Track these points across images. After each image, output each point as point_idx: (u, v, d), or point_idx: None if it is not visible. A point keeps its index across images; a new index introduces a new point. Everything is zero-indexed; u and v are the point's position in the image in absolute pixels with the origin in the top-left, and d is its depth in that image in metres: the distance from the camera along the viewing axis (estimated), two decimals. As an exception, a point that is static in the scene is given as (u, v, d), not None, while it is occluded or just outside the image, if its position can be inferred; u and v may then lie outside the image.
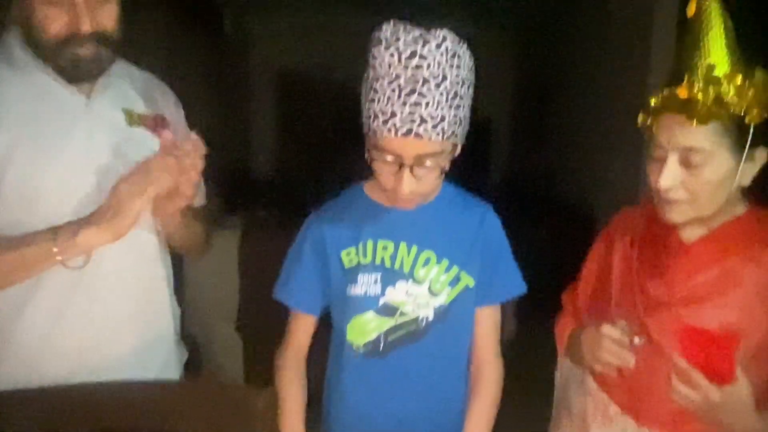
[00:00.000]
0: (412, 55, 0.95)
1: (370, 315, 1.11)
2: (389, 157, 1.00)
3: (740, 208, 1.05)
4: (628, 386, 1.08)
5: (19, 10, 1.04)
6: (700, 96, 0.95)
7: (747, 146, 0.97)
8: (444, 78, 0.96)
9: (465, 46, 1.00)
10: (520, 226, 3.50)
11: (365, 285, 1.11)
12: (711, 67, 0.96)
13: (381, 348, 1.11)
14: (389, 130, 0.97)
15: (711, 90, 0.94)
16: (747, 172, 1.00)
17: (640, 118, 1.05)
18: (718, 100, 0.94)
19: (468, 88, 1.02)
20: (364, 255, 1.11)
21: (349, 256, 1.12)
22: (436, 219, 1.13)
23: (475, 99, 1.08)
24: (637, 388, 1.07)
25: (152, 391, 1.11)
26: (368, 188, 1.16)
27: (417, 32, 0.97)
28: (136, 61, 1.24)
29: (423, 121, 0.96)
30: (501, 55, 5.91)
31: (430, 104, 0.96)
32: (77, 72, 1.05)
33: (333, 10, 5.16)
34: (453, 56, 0.97)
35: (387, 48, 0.96)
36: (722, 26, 0.97)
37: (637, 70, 3.31)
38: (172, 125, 1.11)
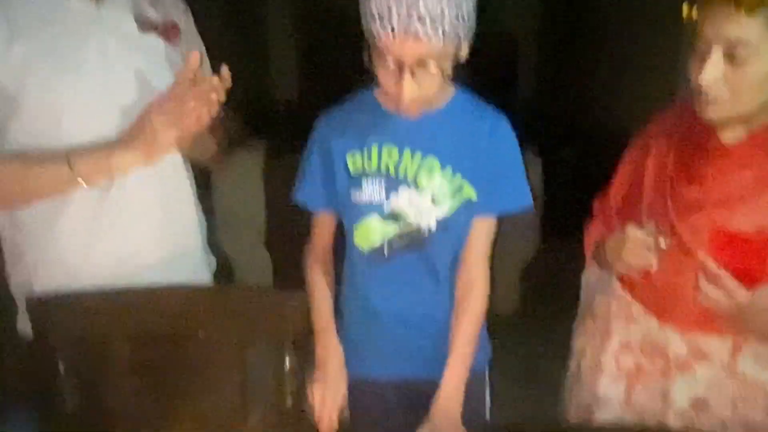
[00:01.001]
0: None
1: (374, 221, 1.12)
2: (390, 60, 0.98)
3: None
4: (654, 287, 1.09)
5: None
6: None
7: None
8: None
9: None
10: (549, 144, 3.44)
11: (370, 191, 1.11)
12: None
13: (385, 253, 1.13)
14: (387, 30, 0.94)
15: None
16: None
17: (684, 10, 1.00)
18: None
19: None
20: (369, 160, 1.11)
21: (354, 161, 1.12)
22: (444, 126, 1.10)
23: (502, 13, 1.00)
24: (662, 288, 1.07)
25: (185, 295, 1.14)
26: (378, 93, 1.13)
27: None
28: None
29: (421, 18, 0.92)
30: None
31: (429, 1, 0.92)
32: None
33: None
34: None
35: None
36: None
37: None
38: (183, 33, 1.09)
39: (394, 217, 1.12)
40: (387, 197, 1.11)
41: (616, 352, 1.16)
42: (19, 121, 1.03)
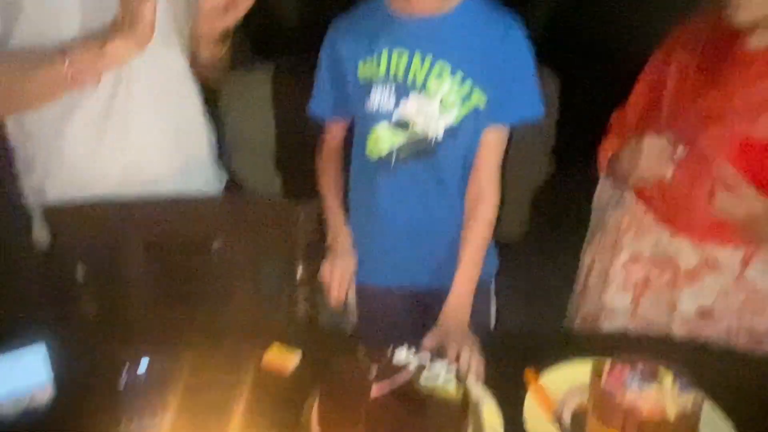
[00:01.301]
0: None
1: (383, 129, 1.12)
2: None
3: None
4: (669, 198, 1.08)
5: None
6: None
7: None
8: None
9: None
10: (564, 63, 3.33)
11: (379, 98, 1.10)
12: None
13: (393, 162, 1.13)
14: None
15: None
16: None
17: None
18: None
19: None
20: (378, 65, 1.09)
21: (364, 68, 1.11)
22: (455, 29, 1.07)
23: None
24: (677, 199, 1.07)
25: (197, 205, 1.15)
26: None
27: None
28: None
29: None
30: None
31: None
32: None
33: None
34: None
35: None
36: None
37: None
38: None
39: (402, 125, 1.11)
40: (396, 103, 1.09)
41: (626, 263, 1.18)
42: (22, 25, 1.01)
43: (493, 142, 1.13)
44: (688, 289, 1.11)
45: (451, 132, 1.10)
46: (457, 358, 0.94)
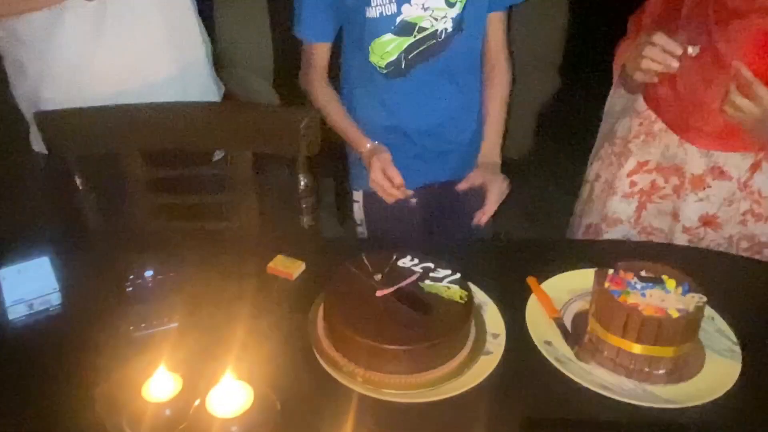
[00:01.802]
0: None
1: (388, 36, 1.10)
2: None
3: None
4: (680, 102, 1.06)
5: None
6: None
7: None
8: None
9: None
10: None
11: (380, 5, 1.08)
12: None
13: (403, 66, 1.13)
14: None
15: None
16: None
17: None
18: None
19: None
20: None
21: None
22: None
23: None
24: (689, 101, 1.05)
25: (196, 112, 1.12)
26: None
27: None
28: None
29: None
30: None
31: None
32: None
33: None
34: None
35: None
36: None
37: None
38: None
39: (407, 28, 1.10)
40: (399, 9, 1.08)
41: (632, 171, 1.16)
42: None
43: (499, 24, 1.21)
44: (693, 196, 1.10)
45: (458, 22, 1.11)
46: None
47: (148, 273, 0.88)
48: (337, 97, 1.21)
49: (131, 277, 0.87)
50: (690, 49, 0.97)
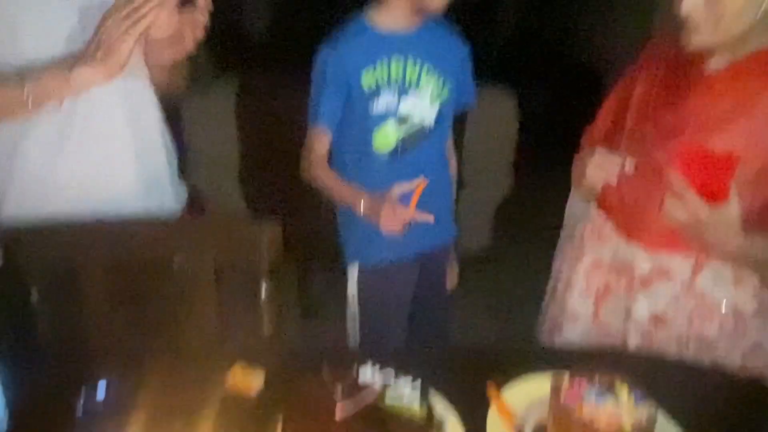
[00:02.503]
0: None
1: (391, 126, 1.38)
2: None
3: (766, 38, 1.02)
4: (625, 207, 1.14)
5: None
6: None
7: None
8: None
9: None
10: (528, 81, 3.40)
11: (386, 101, 1.35)
12: None
13: (399, 150, 1.40)
14: None
15: None
16: None
17: None
18: None
19: None
20: (381, 72, 1.34)
21: (368, 77, 1.34)
22: (429, 39, 1.38)
23: None
24: (633, 207, 1.13)
25: (159, 225, 1.13)
26: (371, 18, 1.36)
27: None
28: None
29: None
30: None
31: None
32: None
33: None
34: None
35: None
36: None
37: None
38: None
39: (404, 119, 1.38)
40: (398, 103, 1.36)
41: (587, 269, 1.22)
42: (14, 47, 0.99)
43: (450, 123, 1.51)
44: (642, 295, 1.15)
45: (438, 117, 1.42)
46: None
47: (101, 387, 0.86)
48: (333, 174, 1.42)
49: (83, 392, 0.84)
50: (627, 164, 1.06)
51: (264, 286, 1.13)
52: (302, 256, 1.92)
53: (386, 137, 1.38)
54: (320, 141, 1.41)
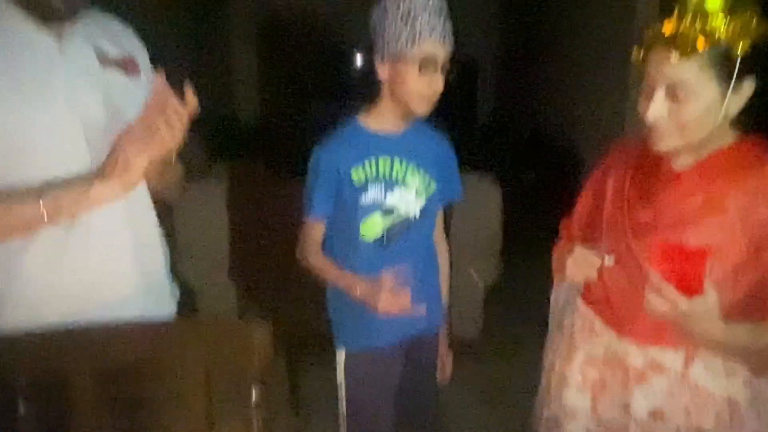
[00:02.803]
0: None
1: (377, 217, 1.45)
2: (430, 63, 1.33)
3: (729, 138, 1.09)
4: (611, 302, 1.15)
5: None
6: (686, 29, 0.97)
7: (734, 77, 0.99)
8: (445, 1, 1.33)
9: None
10: (508, 167, 3.52)
11: (373, 194, 1.44)
12: (700, 1, 0.98)
13: (385, 240, 1.47)
14: (434, 38, 1.32)
15: (697, 23, 0.97)
16: (734, 103, 1.03)
17: (634, 54, 1.08)
18: (704, 32, 0.97)
19: None
20: (371, 170, 1.43)
21: (357, 173, 1.43)
22: (415, 141, 1.48)
23: (463, 40, 1.35)
24: (619, 303, 1.14)
25: (149, 330, 1.13)
26: (363, 120, 1.47)
27: None
28: (115, 6, 1.22)
29: (447, 30, 1.34)
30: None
31: (448, 18, 1.34)
32: (49, 10, 1.03)
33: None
34: None
35: None
36: None
37: (625, 11, 3.27)
38: (142, 68, 1.10)
39: (390, 211, 1.46)
40: (385, 197, 1.44)
41: (582, 365, 1.22)
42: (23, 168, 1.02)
43: (439, 215, 1.61)
44: (638, 390, 1.14)
45: (423, 211, 1.49)
46: None
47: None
48: (327, 260, 1.49)
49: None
50: (606, 260, 1.10)
51: (255, 391, 1.11)
52: (294, 350, 1.89)
53: (373, 227, 1.45)
54: (314, 230, 1.50)
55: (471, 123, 5.74)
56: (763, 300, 1.03)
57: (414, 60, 1.33)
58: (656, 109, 1.03)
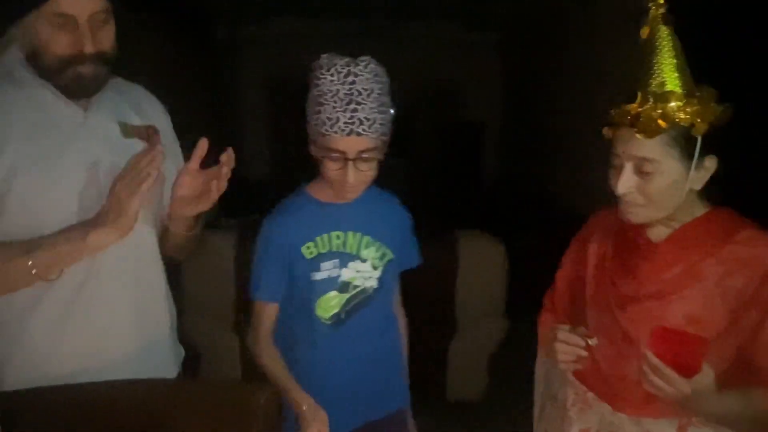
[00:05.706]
0: (348, 74, 1.21)
1: (333, 293, 1.37)
2: (336, 155, 1.24)
3: (699, 209, 1.13)
4: (603, 376, 1.16)
5: (22, 31, 1.09)
6: (648, 112, 1.04)
7: (696, 156, 1.05)
8: (372, 91, 1.22)
9: (383, 68, 1.27)
10: (511, 228, 3.54)
11: (327, 270, 1.36)
12: (660, 85, 1.06)
13: (343, 316, 1.39)
14: (336, 132, 1.21)
15: (659, 106, 1.04)
16: (698, 179, 1.08)
17: (604, 131, 1.14)
18: (665, 115, 1.03)
19: (388, 97, 1.27)
20: (323, 246, 1.35)
21: (309, 249, 1.35)
22: (367, 210, 1.39)
23: (467, 104, 1.21)
24: (610, 377, 1.15)
25: (153, 389, 1.14)
26: (312, 190, 1.39)
27: (347, 59, 1.24)
28: (131, 71, 1.29)
29: (360, 123, 1.21)
30: (493, 62, 5.99)
31: (365, 110, 1.21)
32: (78, 89, 1.10)
33: (321, 17, 5.21)
34: (376, 75, 1.24)
35: (328, 70, 1.22)
36: (671, 47, 1.06)
37: (630, 76, 3.35)
38: (162, 134, 1.16)
39: (346, 286, 1.38)
40: (340, 271, 1.36)
41: None
42: (4, 220, 1.06)
43: (397, 284, 1.52)
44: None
45: (380, 282, 1.41)
46: None
47: None
48: (279, 356, 1.37)
49: None
50: (590, 341, 1.12)
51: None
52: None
53: (329, 304, 1.36)
54: (266, 313, 1.38)
55: (476, 183, 5.81)
56: (747, 366, 1.05)
57: (323, 150, 1.25)
58: (625, 182, 1.08)
